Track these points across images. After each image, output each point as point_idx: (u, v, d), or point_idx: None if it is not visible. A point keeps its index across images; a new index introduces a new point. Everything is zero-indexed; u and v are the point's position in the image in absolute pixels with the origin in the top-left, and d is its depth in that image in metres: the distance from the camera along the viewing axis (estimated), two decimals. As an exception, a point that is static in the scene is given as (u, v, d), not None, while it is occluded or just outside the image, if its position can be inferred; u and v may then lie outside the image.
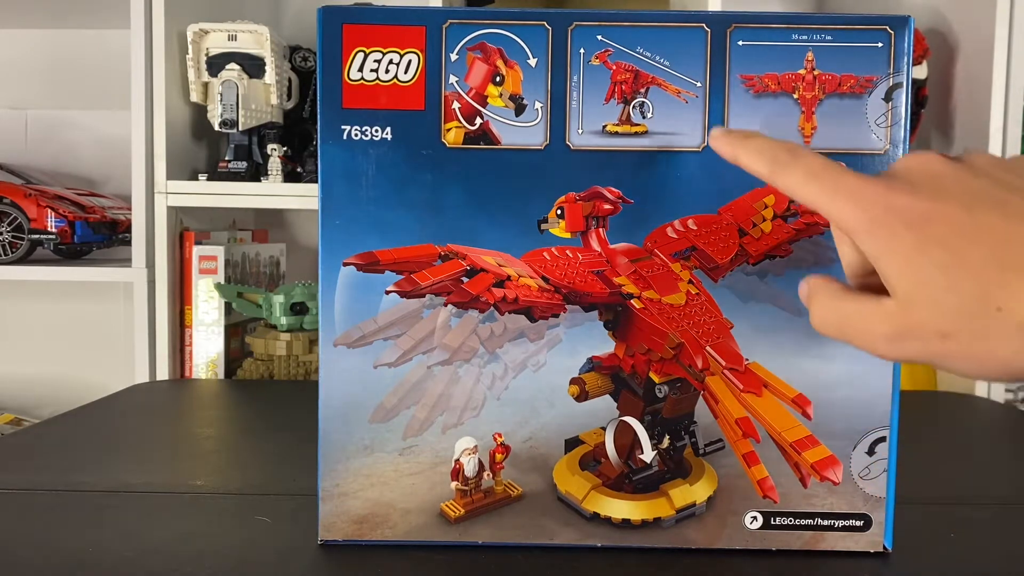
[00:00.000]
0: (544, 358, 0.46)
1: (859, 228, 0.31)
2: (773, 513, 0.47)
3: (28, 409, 1.32)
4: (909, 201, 0.30)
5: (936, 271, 0.29)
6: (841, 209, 0.32)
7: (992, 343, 0.28)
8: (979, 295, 0.28)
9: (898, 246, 0.30)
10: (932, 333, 0.30)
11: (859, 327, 0.32)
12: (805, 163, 0.33)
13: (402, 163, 0.45)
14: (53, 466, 0.63)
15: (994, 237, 0.29)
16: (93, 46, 1.33)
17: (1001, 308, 0.28)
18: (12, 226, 1.11)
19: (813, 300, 0.35)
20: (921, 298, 0.30)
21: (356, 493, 0.46)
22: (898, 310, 0.30)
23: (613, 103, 0.45)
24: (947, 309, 0.29)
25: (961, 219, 0.29)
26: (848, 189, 0.32)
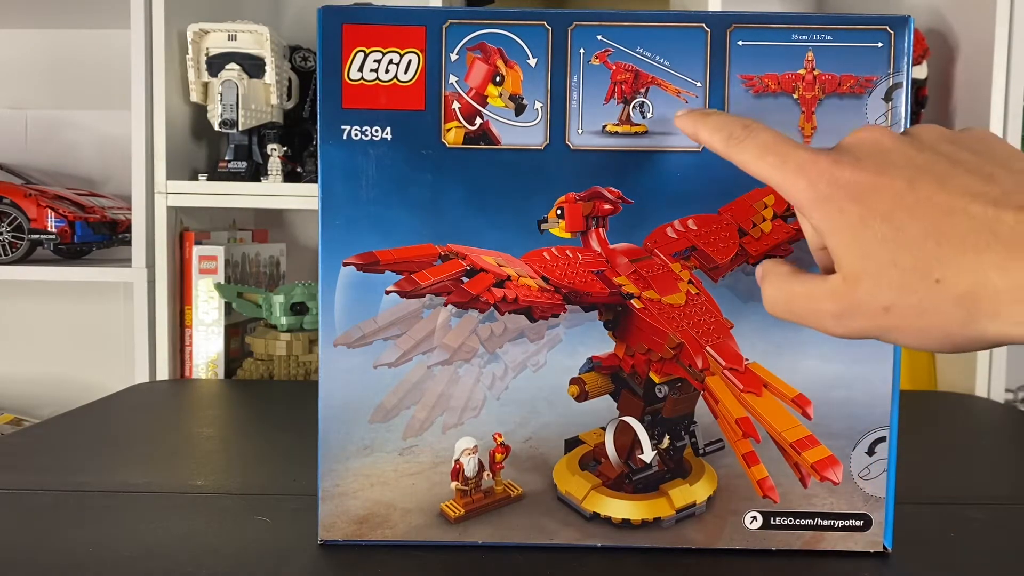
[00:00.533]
0: (544, 358, 0.46)
1: (807, 202, 0.32)
2: (773, 513, 0.47)
3: (28, 409, 1.32)
4: (854, 175, 0.31)
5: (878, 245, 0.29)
6: (790, 183, 0.32)
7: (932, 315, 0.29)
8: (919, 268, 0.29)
9: (843, 220, 0.30)
10: (876, 308, 0.30)
11: (807, 307, 0.33)
12: (758, 138, 0.34)
13: (402, 163, 0.45)
14: (53, 466, 0.63)
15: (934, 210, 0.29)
16: (93, 46, 1.33)
17: (940, 280, 0.28)
18: (12, 226, 1.11)
19: (764, 283, 0.35)
20: (864, 273, 0.30)
21: (356, 493, 0.46)
22: (843, 286, 0.31)
23: (613, 103, 0.45)
24: (889, 283, 0.29)
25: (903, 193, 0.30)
26: (797, 163, 0.32)
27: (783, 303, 0.34)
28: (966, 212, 0.28)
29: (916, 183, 0.30)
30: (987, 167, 0.30)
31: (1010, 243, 0.27)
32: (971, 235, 0.28)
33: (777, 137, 0.34)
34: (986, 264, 0.27)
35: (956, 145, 0.31)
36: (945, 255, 0.28)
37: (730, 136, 0.35)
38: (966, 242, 0.28)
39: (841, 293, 0.31)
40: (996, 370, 1.04)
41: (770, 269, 0.36)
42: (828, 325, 0.32)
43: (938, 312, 0.29)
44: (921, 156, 0.31)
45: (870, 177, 0.30)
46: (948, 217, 0.29)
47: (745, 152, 0.34)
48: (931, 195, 0.29)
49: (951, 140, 0.32)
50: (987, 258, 0.27)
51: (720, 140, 0.35)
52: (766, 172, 0.33)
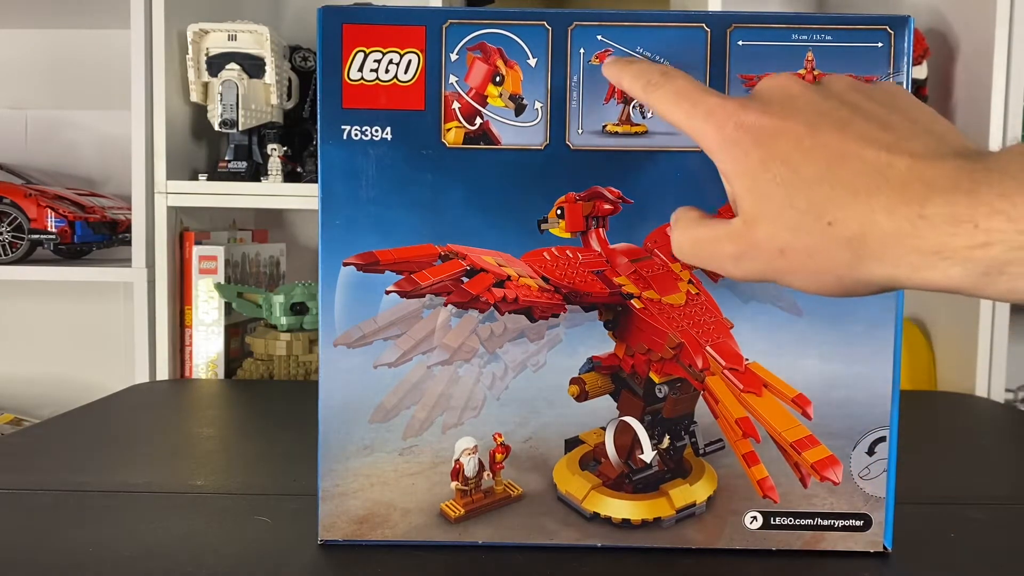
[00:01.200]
0: (544, 358, 0.46)
1: (714, 146, 0.33)
2: (773, 513, 0.47)
3: (28, 409, 1.32)
4: (758, 119, 0.31)
5: (776, 188, 0.30)
6: (700, 128, 0.33)
7: (824, 257, 0.29)
8: (812, 210, 0.29)
9: (745, 163, 0.31)
10: (772, 249, 0.31)
11: (709, 250, 0.34)
12: (674, 84, 0.34)
13: (402, 163, 0.45)
14: (53, 466, 0.63)
15: (830, 154, 0.29)
16: (93, 46, 1.33)
17: (832, 223, 0.29)
18: (12, 226, 1.11)
19: (674, 228, 0.36)
20: (762, 215, 0.31)
21: (356, 493, 0.46)
22: (743, 228, 0.32)
23: (613, 103, 0.45)
24: (784, 225, 0.30)
25: (803, 136, 0.30)
26: (707, 108, 0.33)
27: (688, 246, 0.35)
28: (860, 157, 0.29)
29: (816, 128, 0.30)
30: (887, 116, 0.30)
31: (899, 187, 0.28)
32: (863, 179, 0.28)
33: (692, 83, 0.34)
34: (875, 207, 0.28)
35: (862, 94, 0.32)
36: (838, 197, 0.29)
37: (648, 83, 0.35)
38: (858, 186, 0.28)
39: (740, 235, 0.32)
40: (996, 370, 1.04)
41: (681, 215, 0.36)
42: (728, 267, 0.33)
43: (829, 254, 0.29)
44: (825, 103, 0.31)
45: (774, 121, 0.31)
46: (843, 161, 0.29)
47: (661, 99, 0.35)
48: (828, 140, 0.30)
49: (858, 90, 0.32)
50: (876, 201, 0.28)
51: (640, 87, 0.36)
52: (679, 118, 0.34)
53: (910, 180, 0.28)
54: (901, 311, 0.46)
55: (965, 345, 1.07)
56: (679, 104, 0.34)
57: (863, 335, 0.46)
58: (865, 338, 0.46)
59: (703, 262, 0.34)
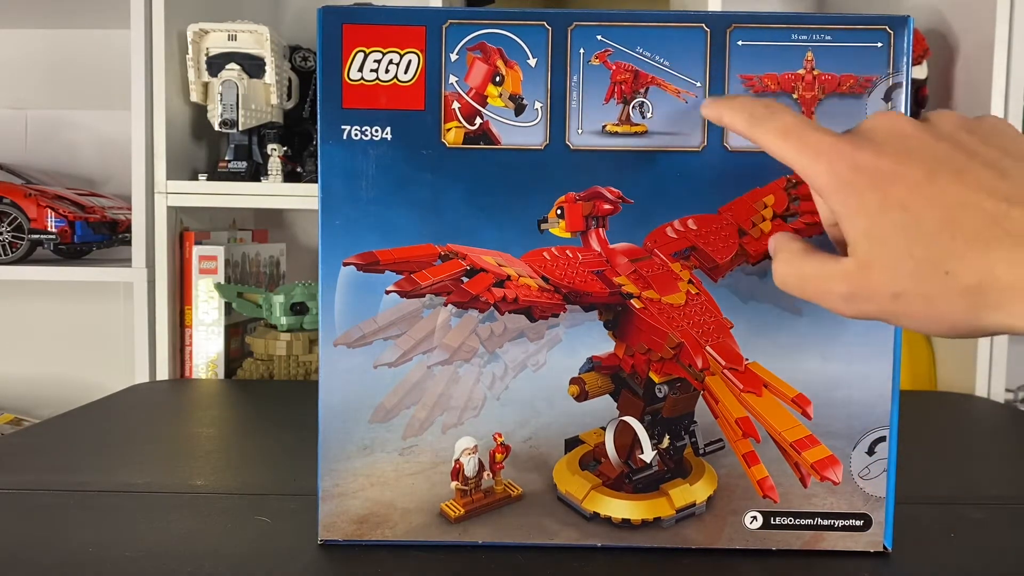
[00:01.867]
0: (544, 358, 0.46)
1: (826, 186, 0.32)
2: (773, 513, 0.47)
3: (28, 409, 1.32)
4: (874, 161, 0.31)
5: (894, 234, 0.30)
6: (810, 166, 0.33)
7: (940, 305, 0.30)
8: (931, 259, 0.29)
9: (861, 206, 0.31)
10: (886, 294, 0.31)
11: (818, 287, 0.34)
12: (780, 120, 0.34)
13: (402, 163, 0.45)
14: (53, 466, 0.63)
15: (949, 203, 0.29)
16: (93, 46, 1.33)
17: (949, 272, 0.29)
18: (12, 226, 1.11)
19: (776, 258, 0.36)
20: (878, 259, 0.31)
21: (356, 493, 0.46)
22: (856, 271, 0.32)
23: (613, 103, 0.45)
24: (901, 271, 0.30)
25: (921, 183, 0.30)
26: (817, 146, 0.33)
27: (794, 279, 0.35)
28: (980, 206, 0.29)
29: (935, 174, 0.30)
30: (1002, 161, 0.30)
31: (1018, 238, 0.28)
32: (983, 229, 0.29)
33: (798, 119, 0.34)
34: (994, 259, 0.28)
35: (973, 135, 0.32)
36: (957, 248, 0.29)
37: (751, 116, 0.35)
38: (978, 236, 0.29)
39: (854, 277, 0.32)
40: (996, 370, 1.04)
41: (783, 244, 0.36)
42: (838, 306, 0.33)
43: (945, 302, 0.30)
44: (939, 146, 0.31)
45: (890, 164, 0.31)
46: (962, 210, 0.29)
47: (767, 134, 0.35)
48: (947, 187, 0.30)
49: (968, 130, 0.32)
50: (996, 253, 0.28)
51: (743, 121, 0.36)
52: (786, 154, 0.34)
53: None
54: (901, 311, 0.46)
55: (965, 345, 1.07)
56: (787, 140, 0.34)
57: (863, 335, 0.46)
58: (865, 338, 0.46)
59: (810, 297, 0.34)
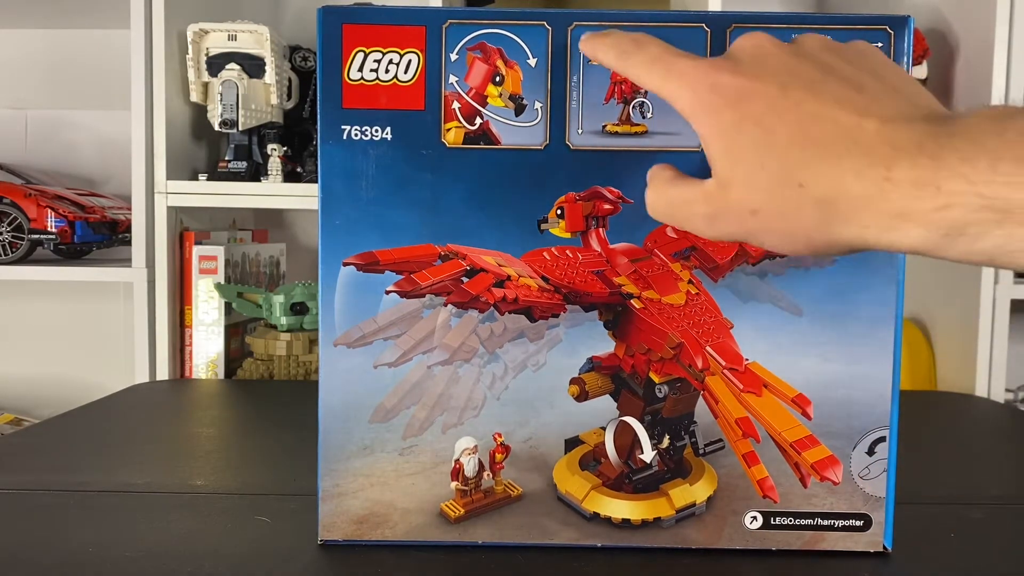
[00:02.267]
0: (544, 358, 0.46)
1: (689, 109, 0.33)
2: (773, 513, 0.47)
3: (28, 409, 1.32)
4: (731, 80, 0.31)
5: (749, 149, 0.30)
6: (675, 91, 0.33)
7: (795, 218, 0.30)
8: (784, 172, 0.30)
9: (720, 125, 0.31)
10: (744, 211, 0.31)
11: (683, 210, 0.34)
12: (647, 51, 0.34)
13: (402, 163, 0.45)
14: (53, 466, 0.63)
15: (801, 115, 0.30)
16: (93, 46, 1.33)
17: (803, 184, 0.29)
18: (12, 226, 1.11)
19: (649, 185, 0.36)
20: (735, 177, 0.31)
21: (356, 493, 0.46)
22: (716, 190, 0.32)
23: (613, 103, 0.45)
24: (757, 186, 0.30)
25: (776, 97, 0.30)
26: (680, 70, 0.33)
27: (662, 205, 0.35)
28: (832, 119, 0.29)
29: (788, 88, 0.30)
30: (860, 77, 0.31)
31: (867, 150, 0.28)
32: (834, 141, 0.29)
33: (665, 48, 0.34)
34: (845, 169, 0.28)
35: (835, 54, 0.32)
36: (809, 160, 0.29)
37: (622, 52, 0.35)
38: (828, 148, 0.29)
39: (714, 196, 0.32)
40: (996, 370, 1.04)
41: (655, 173, 0.36)
42: (701, 227, 0.33)
43: (800, 215, 0.30)
44: (798, 63, 0.31)
45: (746, 82, 0.31)
46: (815, 123, 0.29)
47: (636, 66, 0.35)
48: (801, 101, 0.30)
49: (832, 49, 0.32)
50: (846, 164, 0.28)
51: (614, 56, 0.36)
52: (654, 82, 0.34)
53: (878, 143, 0.28)
54: (901, 311, 0.46)
55: (965, 345, 1.07)
56: (653, 69, 0.34)
57: (863, 335, 0.46)
58: (865, 338, 0.46)
59: (676, 222, 0.35)
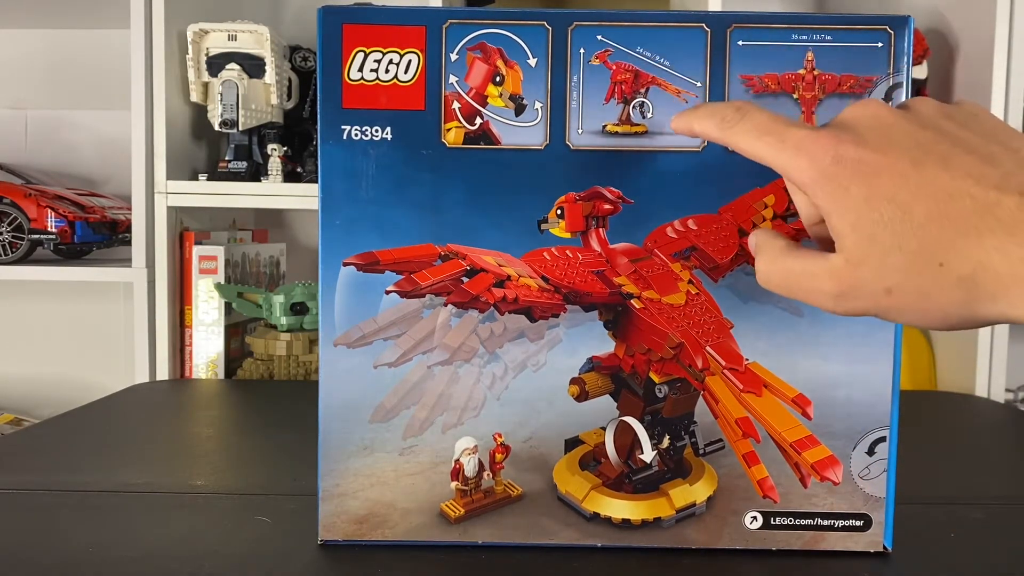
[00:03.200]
0: (544, 358, 0.46)
1: (809, 181, 0.31)
2: (773, 513, 0.47)
3: (28, 409, 1.32)
4: (858, 152, 0.30)
5: (883, 228, 0.30)
6: (791, 162, 0.32)
7: (935, 298, 0.29)
8: (923, 252, 0.29)
9: (848, 201, 0.30)
10: (878, 290, 0.30)
11: (806, 285, 0.33)
12: (753, 119, 0.33)
13: (402, 163, 0.45)
14: (53, 466, 0.63)
15: (937, 193, 0.29)
16: (93, 46, 1.33)
17: (943, 264, 0.29)
18: (12, 226, 1.11)
19: (759, 255, 0.35)
20: (868, 255, 0.30)
21: (356, 493, 0.46)
22: (845, 267, 0.31)
23: (613, 103, 0.45)
24: (893, 266, 0.30)
25: (908, 173, 0.29)
26: (796, 141, 0.32)
27: (779, 278, 0.34)
28: (969, 195, 0.28)
29: (921, 164, 0.30)
30: (987, 146, 0.30)
31: (1011, 226, 0.27)
32: (974, 218, 0.28)
33: (771, 116, 0.33)
34: (987, 248, 0.28)
35: (954, 122, 0.31)
36: (948, 239, 0.28)
37: (723, 120, 0.34)
38: (969, 226, 0.28)
39: (843, 274, 0.31)
40: (996, 370, 1.04)
41: (765, 241, 0.35)
42: (826, 304, 0.32)
43: (940, 294, 0.29)
44: (923, 134, 0.31)
45: (874, 156, 0.30)
46: (952, 200, 0.29)
47: (740, 134, 0.34)
48: (935, 177, 0.29)
49: (948, 116, 0.32)
50: (988, 242, 0.28)
51: (714, 125, 0.35)
52: (764, 153, 0.33)
53: (1021, 219, 0.27)
54: (901, 311, 0.46)
55: (965, 345, 1.07)
56: (763, 139, 0.33)
57: (863, 335, 0.46)
58: (865, 338, 0.46)
59: (796, 296, 0.34)
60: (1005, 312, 0.28)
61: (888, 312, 0.31)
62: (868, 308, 0.31)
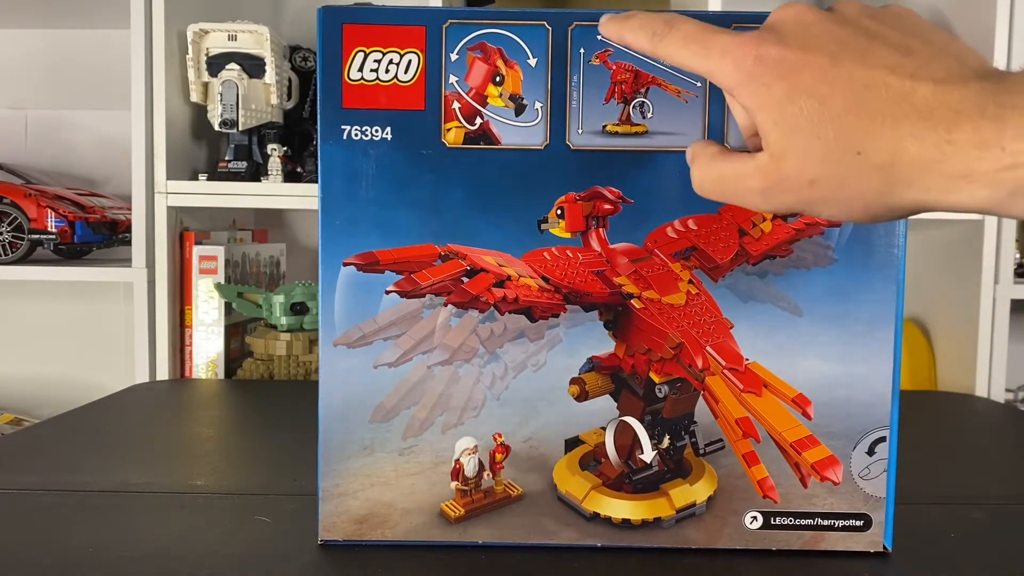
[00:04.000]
0: (544, 358, 0.46)
1: (734, 83, 0.32)
2: (773, 513, 0.47)
3: (28, 409, 1.32)
4: (779, 52, 0.31)
5: (804, 120, 0.30)
6: (717, 67, 0.33)
7: (855, 185, 0.30)
8: (842, 141, 0.30)
9: (770, 98, 0.31)
10: (802, 182, 0.31)
11: (734, 185, 0.34)
12: (680, 30, 0.34)
13: (402, 163, 0.45)
14: (53, 466, 0.63)
15: (855, 84, 0.30)
16: (93, 46, 1.33)
17: (861, 151, 0.29)
18: (12, 226, 1.11)
19: (694, 163, 0.36)
20: (790, 148, 0.31)
21: (356, 493, 0.46)
22: (770, 163, 0.32)
23: (613, 103, 0.45)
24: (814, 156, 0.30)
25: (826, 67, 0.30)
26: (721, 46, 0.32)
27: (711, 182, 0.35)
28: (885, 84, 0.29)
29: (838, 57, 0.30)
30: (906, 40, 0.31)
31: (925, 113, 0.28)
32: (889, 107, 0.29)
33: (699, 25, 0.34)
34: (903, 134, 0.28)
35: (876, 20, 0.32)
36: (865, 127, 0.29)
37: (653, 34, 0.35)
38: (885, 114, 0.29)
39: (768, 169, 0.32)
40: (996, 370, 1.04)
41: (699, 151, 0.36)
42: (755, 201, 0.33)
43: (860, 182, 0.30)
44: (843, 31, 0.31)
45: (794, 53, 0.31)
46: (868, 90, 0.29)
47: (669, 45, 0.34)
48: (852, 69, 0.30)
49: (871, 15, 0.32)
50: (904, 129, 0.28)
51: (645, 38, 0.35)
52: (692, 61, 0.33)
53: (936, 106, 0.28)
54: (901, 311, 0.46)
55: (965, 345, 1.07)
56: (689, 47, 0.33)
57: (863, 335, 0.46)
58: (865, 338, 0.46)
59: (728, 198, 0.34)
60: (920, 198, 0.29)
61: (812, 204, 0.32)
62: (794, 203, 0.32)
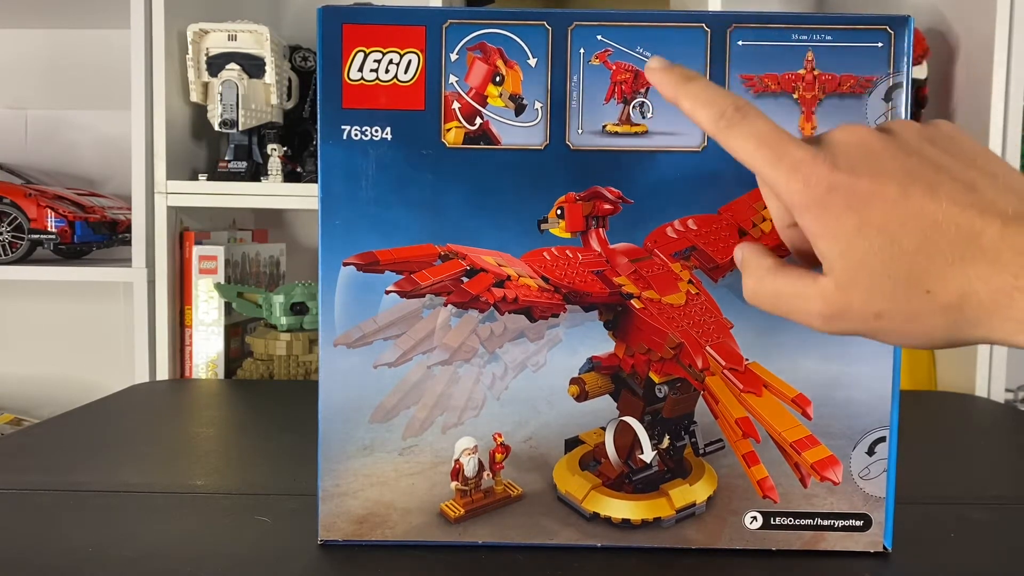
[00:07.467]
0: (544, 358, 0.46)
1: (799, 204, 0.32)
2: (773, 513, 0.47)
3: (28, 409, 1.32)
4: (850, 181, 0.31)
5: (873, 256, 0.31)
6: (783, 181, 0.32)
7: (922, 322, 0.31)
8: (911, 280, 0.30)
9: (839, 228, 0.31)
10: (867, 314, 0.31)
11: (794, 304, 0.34)
12: (753, 126, 0.33)
13: (402, 163, 0.45)
14: (53, 466, 0.63)
15: (926, 222, 0.30)
16: (93, 46, 1.33)
17: (930, 291, 0.30)
18: (12, 226, 1.11)
19: (746, 272, 0.36)
20: (857, 281, 0.31)
21: (356, 493, 0.46)
22: (835, 291, 0.32)
23: (613, 103, 0.45)
24: (882, 292, 0.31)
25: (897, 202, 0.31)
26: (793, 162, 0.32)
27: (768, 297, 0.35)
28: (955, 223, 0.30)
29: (908, 191, 0.31)
30: (968, 173, 0.31)
31: (992, 256, 0.29)
32: (958, 248, 0.29)
33: (772, 128, 0.33)
34: (971, 277, 0.29)
35: (937, 147, 0.32)
36: (935, 267, 0.30)
37: (721, 116, 0.33)
38: (954, 255, 0.29)
39: (832, 298, 0.32)
40: (996, 370, 1.04)
41: (752, 260, 0.35)
42: (815, 324, 0.33)
43: (927, 320, 0.31)
44: (909, 160, 0.31)
45: (866, 184, 0.31)
46: (938, 229, 0.30)
47: (738, 139, 0.33)
48: (922, 206, 0.30)
49: (930, 140, 0.33)
50: (972, 271, 0.29)
51: (709, 118, 0.34)
52: (758, 164, 0.33)
53: (1003, 248, 0.29)
54: (901, 311, 0.46)
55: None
56: (760, 150, 0.32)
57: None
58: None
59: (784, 314, 0.34)
60: (986, 336, 0.30)
61: (876, 334, 0.32)
62: (857, 329, 0.32)
